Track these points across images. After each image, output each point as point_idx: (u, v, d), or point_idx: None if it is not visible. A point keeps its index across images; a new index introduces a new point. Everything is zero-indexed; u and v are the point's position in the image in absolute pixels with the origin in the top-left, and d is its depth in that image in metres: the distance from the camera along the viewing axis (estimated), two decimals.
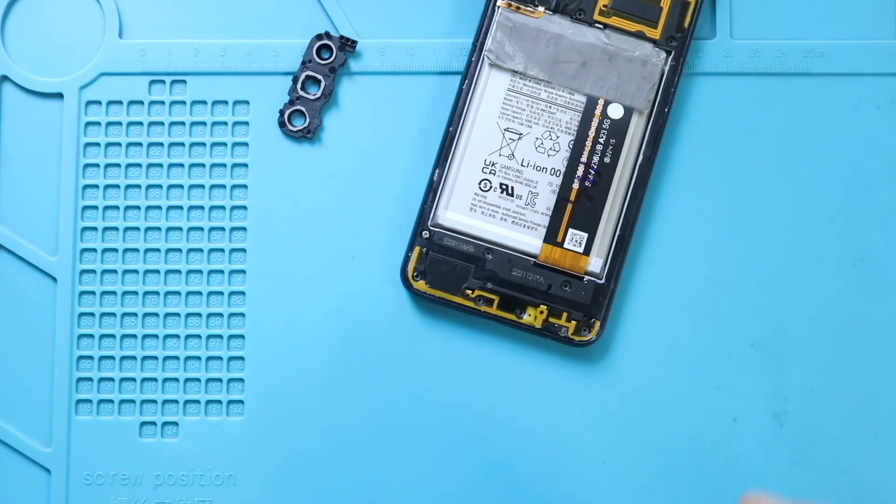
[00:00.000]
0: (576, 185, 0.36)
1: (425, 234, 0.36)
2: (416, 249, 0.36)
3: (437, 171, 0.36)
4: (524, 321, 0.36)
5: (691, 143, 0.37)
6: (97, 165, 0.37)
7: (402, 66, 0.37)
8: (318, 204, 0.37)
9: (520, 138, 0.36)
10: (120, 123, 0.37)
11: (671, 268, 0.37)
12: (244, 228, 0.37)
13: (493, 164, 0.36)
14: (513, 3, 0.36)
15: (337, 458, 0.36)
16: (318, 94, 0.37)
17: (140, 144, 0.37)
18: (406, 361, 0.37)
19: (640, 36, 0.36)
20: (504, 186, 0.36)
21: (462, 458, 0.36)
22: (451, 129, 0.36)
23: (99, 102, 0.37)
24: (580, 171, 0.36)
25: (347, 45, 0.37)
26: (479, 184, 0.36)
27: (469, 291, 0.36)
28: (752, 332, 0.37)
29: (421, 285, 0.36)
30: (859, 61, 0.37)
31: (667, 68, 0.36)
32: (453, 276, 0.36)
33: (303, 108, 0.37)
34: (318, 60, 0.37)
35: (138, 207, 0.37)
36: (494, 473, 0.36)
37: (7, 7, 0.37)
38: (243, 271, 0.37)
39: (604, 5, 0.36)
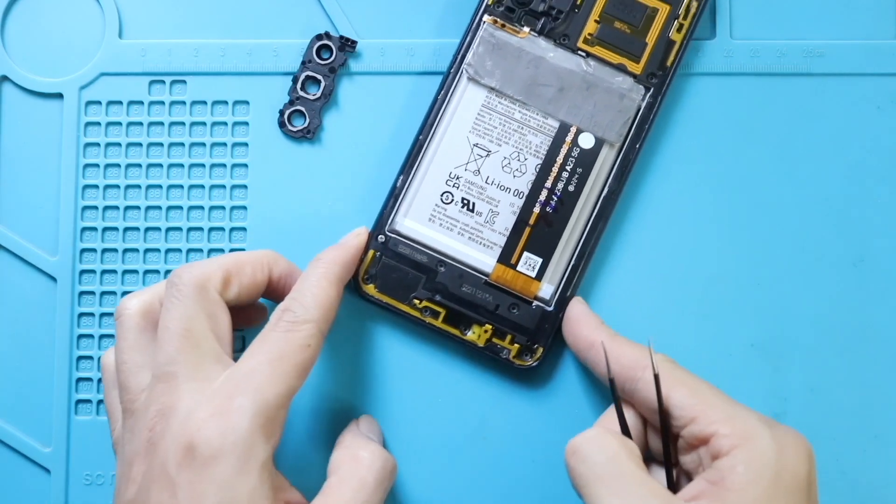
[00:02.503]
0: (537, 209, 0.35)
1: (381, 238, 0.35)
2: (371, 253, 0.35)
3: (401, 177, 0.35)
4: (467, 338, 0.35)
5: (691, 143, 0.37)
6: (97, 165, 0.37)
7: (402, 66, 0.37)
8: (317, 204, 0.37)
9: (488, 155, 0.35)
10: (120, 123, 0.37)
11: (672, 267, 0.37)
12: (244, 229, 0.37)
13: (457, 178, 0.35)
14: (499, 20, 0.36)
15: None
16: (318, 94, 0.37)
17: (140, 144, 0.37)
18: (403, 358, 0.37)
19: (621, 69, 0.36)
20: (465, 201, 0.35)
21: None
22: (420, 137, 0.36)
23: (99, 102, 0.37)
24: (543, 195, 0.35)
25: (347, 45, 0.37)
26: (441, 196, 0.35)
27: (417, 301, 0.35)
28: (752, 332, 0.37)
29: (370, 289, 0.35)
30: (859, 61, 0.37)
31: (644, 104, 0.36)
32: (403, 283, 0.35)
33: (303, 108, 0.37)
34: (318, 60, 0.37)
35: (138, 207, 0.37)
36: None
37: (7, 7, 0.37)
38: None
39: (589, 34, 0.36)
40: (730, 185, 0.37)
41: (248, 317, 0.35)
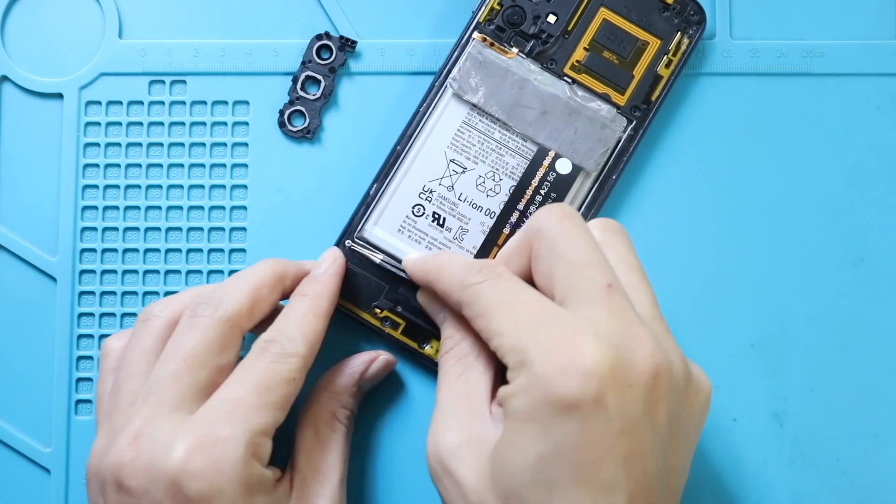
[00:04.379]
0: (506, 231, 0.35)
1: (348, 243, 0.35)
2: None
3: (374, 185, 0.35)
4: (425, 352, 0.35)
5: (691, 142, 0.37)
6: (97, 165, 0.37)
7: (402, 66, 0.37)
8: (317, 204, 0.37)
9: (463, 172, 0.35)
10: (120, 123, 0.37)
11: (672, 267, 0.37)
12: (244, 229, 0.37)
13: (430, 192, 0.35)
14: (488, 38, 0.36)
15: None
16: (318, 94, 0.37)
17: (140, 144, 0.37)
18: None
19: (605, 98, 0.35)
20: (436, 216, 0.35)
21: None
22: (398, 147, 0.35)
23: (99, 102, 0.37)
24: (514, 217, 0.35)
25: (347, 45, 0.37)
26: (413, 208, 0.35)
27: (378, 310, 0.35)
28: (752, 332, 0.37)
29: None
30: (859, 61, 0.37)
31: (624, 136, 0.35)
32: (366, 291, 0.35)
33: (303, 108, 0.37)
34: (318, 60, 0.37)
35: (138, 207, 0.37)
36: None
37: (7, 7, 0.37)
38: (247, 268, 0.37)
39: (577, 60, 0.36)
40: (729, 185, 0.37)
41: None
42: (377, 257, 0.35)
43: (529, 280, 0.30)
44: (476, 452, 0.28)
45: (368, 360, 0.34)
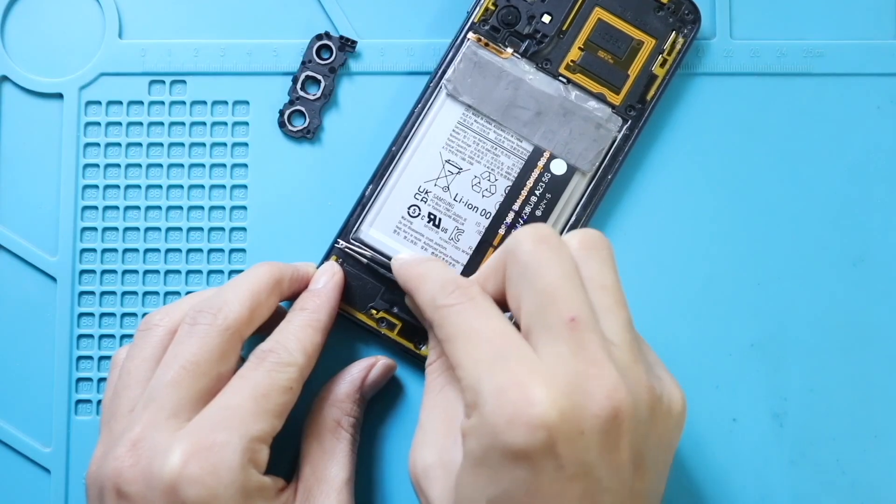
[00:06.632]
0: (502, 231, 0.35)
1: (341, 244, 0.35)
2: (332, 259, 0.35)
3: (370, 186, 0.35)
4: (421, 352, 0.35)
5: (691, 142, 0.37)
6: (97, 165, 0.37)
7: (401, 66, 0.37)
8: (317, 204, 0.37)
9: (459, 173, 0.35)
10: (120, 123, 0.37)
11: (672, 267, 0.37)
12: (244, 229, 0.37)
13: (426, 193, 0.35)
14: (483, 38, 0.36)
15: None
16: (318, 94, 0.37)
17: (140, 144, 0.37)
18: None
19: (600, 98, 0.35)
20: (432, 217, 0.35)
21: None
22: (393, 148, 0.35)
23: (99, 102, 0.37)
24: (510, 217, 0.35)
25: (347, 45, 0.37)
26: (409, 209, 0.35)
27: (374, 311, 0.35)
28: (752, 332, 0.37)
29: None
30: (859, 61, 0.37)
31: (619, 136, 0.35)
32: (362, 292, 0.35)
33: (303, 108, 0.37)
34: (318, 60, 0.37)
35: (138, 207, 0.37)
36: None
37: (7, 7, 0.37)
38: (243, 272, 0.37)
39: (572, 60, 0.36)
40: (729, 185, 0.37)
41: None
42: (364, 257, 0.35)
43: (505, 300, 0.30)
44: (446, 475, 0.28)
45: (368, 366, 0.34)
